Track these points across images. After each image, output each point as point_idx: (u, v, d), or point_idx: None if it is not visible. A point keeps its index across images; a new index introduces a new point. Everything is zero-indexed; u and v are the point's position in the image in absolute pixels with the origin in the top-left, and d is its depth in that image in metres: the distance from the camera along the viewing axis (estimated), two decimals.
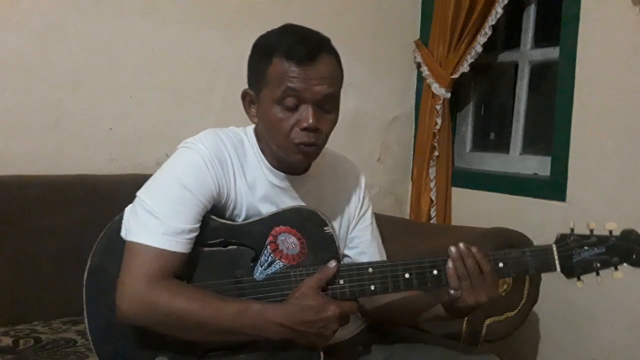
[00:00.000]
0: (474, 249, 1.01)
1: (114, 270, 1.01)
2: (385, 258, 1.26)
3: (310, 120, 1.00)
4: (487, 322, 1.50)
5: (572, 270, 1.01)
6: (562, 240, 1.02)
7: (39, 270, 1.50)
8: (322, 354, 1.03)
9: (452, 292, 1.02)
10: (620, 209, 1.78)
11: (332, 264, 1.03)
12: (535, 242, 1.54)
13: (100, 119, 1.77)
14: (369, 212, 1.26)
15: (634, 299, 1.76)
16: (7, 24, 1.62)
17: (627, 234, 1.01)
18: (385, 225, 1.37)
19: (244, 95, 1.09)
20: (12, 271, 1.47)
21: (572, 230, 1.02)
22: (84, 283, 1.05)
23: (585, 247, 1.01)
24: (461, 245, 1.01)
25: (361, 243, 1.23)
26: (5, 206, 1.49)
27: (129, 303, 0.97)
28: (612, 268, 1.01)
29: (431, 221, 2.31)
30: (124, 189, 1.27)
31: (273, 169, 1.11)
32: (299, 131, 1.01)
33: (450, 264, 1.01)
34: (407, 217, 2.42)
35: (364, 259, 1.21)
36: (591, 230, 1.02)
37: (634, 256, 1.00)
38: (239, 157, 1.09)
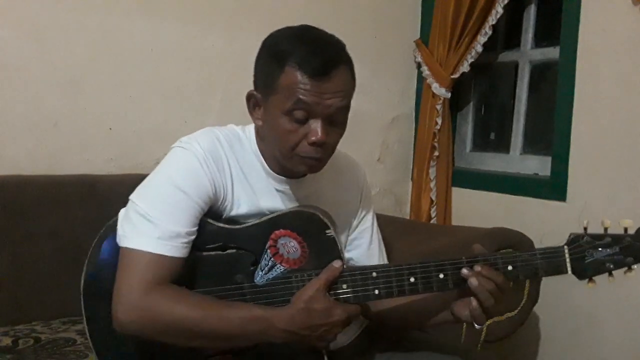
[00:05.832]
0: (484, 271, 0.97)
1: (111, 277, 0.98)
2: (386, 261, 1.23)
3: (319, 135, 0.96)
4: (487, 322, 1.48)
5: (584, 272, 0.97)
6: (574, 241, 0.98)
7: (39, 270, 1.50)
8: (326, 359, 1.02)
9: (476, 323, 1.02)
10: (620, 209, 1.78)
11: (338, 263, 1.00)
12: (536, 242, 1.55)
13: (99, 119, 1.77)
14: (370, 214, 1.22)
15: (635, 299, 1.76)
16: (6, 23, 1.62)
17: None
18: (385, 225, 1.36)
19: (249, 97, 1.04)
20: (11, 271, 1.47)
21: (586, 229, 0.97)
22: (81, 291, 1.03)
23: (599, 248, 0.96)
24: (473, 279, 0.97)
25: (361, 245, 1.20)
26: (4, 206, 1.49)
27: (126, 312, 0.93)
28: (625, 268, 0.97)
29: (431, 221, 2.30)
30: (124, 188, 1.26)
31: (272, 172, 1.08)
32: (306, 145, 0.98)
33: (474, 303, 0.98)
34: (407, 217, 2.41)
35: (364, 262, 1.18)
36: (605, 229, 0.97)
37: None
38: (236, 155, 1.06)
